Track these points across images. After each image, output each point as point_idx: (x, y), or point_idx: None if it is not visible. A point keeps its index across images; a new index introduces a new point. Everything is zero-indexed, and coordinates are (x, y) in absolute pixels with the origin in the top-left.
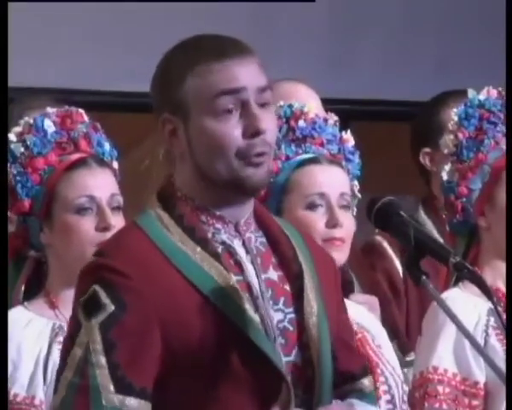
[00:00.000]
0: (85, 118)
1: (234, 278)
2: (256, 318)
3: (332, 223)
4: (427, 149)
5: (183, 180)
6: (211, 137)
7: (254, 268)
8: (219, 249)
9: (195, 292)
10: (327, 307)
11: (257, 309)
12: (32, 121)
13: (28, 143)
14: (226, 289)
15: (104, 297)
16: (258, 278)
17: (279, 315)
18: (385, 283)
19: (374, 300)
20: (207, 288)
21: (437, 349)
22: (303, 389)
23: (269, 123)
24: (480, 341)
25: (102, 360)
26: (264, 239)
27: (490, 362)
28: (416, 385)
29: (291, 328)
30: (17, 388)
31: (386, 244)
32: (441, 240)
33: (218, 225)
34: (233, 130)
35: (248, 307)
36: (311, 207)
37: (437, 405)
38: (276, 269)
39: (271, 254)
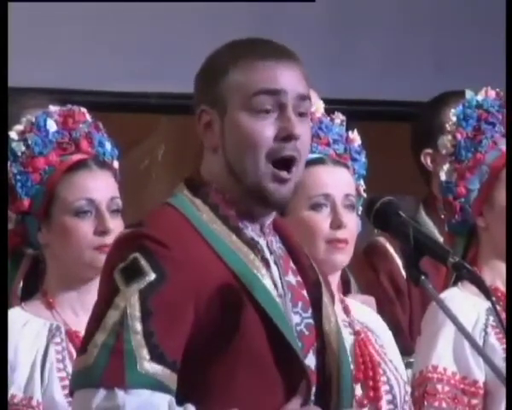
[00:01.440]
0: (87, 117)
1: (267, 272)
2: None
3: (336, 224)
4: (429, 150)
5: (214, 174)
6: (243, 134)
7: (278, 269)
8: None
9: (229, 274)
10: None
11: None
12: (33, 120)
13: (29, 142)
14: (258, 277)
15: (145, 265)
16: (280, 278)
17: (297, 318)
18: (388, 284)
19: (371, 300)
20: (241, 272)
21: (436, 348)
22: (314, 393)
23: (303, 131)
24: (479, 340)
25: (139, 326)
26: (281, 245)
27: (489, 362)
28: (416, 384)
29: (307, 332)
30: (14, 389)
31: (389, 245)
32: (442, 240)
33: (246, 223)
34: (266, 130)
35: (277, 298)
36: (316, 207)
37: (436, 403)
38: (294, 274)
39: (289, 260)
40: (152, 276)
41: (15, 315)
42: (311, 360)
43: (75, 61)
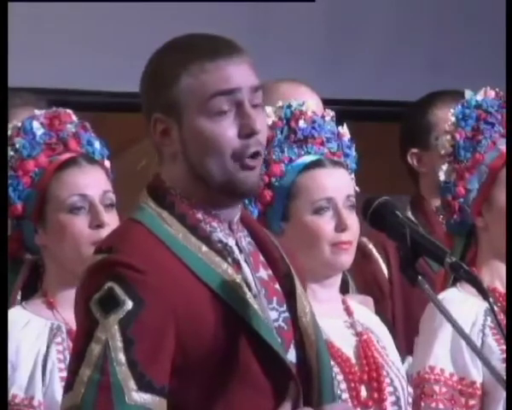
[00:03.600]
0: (74, 118)
1: (239, 276)
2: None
3: (341, 227)
4: (415, 150)
5: (176, 180)
6: (205, 138)
7: (249, 267)
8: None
9: (205, 288)
10: None
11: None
12: (20, 124)
13: (17, 146)
14: (234, 286)
15: (121, 294)
16: (253, 276)
17: (274, 314)
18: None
19: (368, 300)
20: (216, 285)
21: (433, 349)
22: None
23: (261, 124)
24: (477, 341)
25: (122, 357)
26: (250, 239)
27: (487, 364)
28: (413, 385)
29: (286, 327)
30: (16, 389)
31: (371, 246)
32: None
33: (214, 224)
34: (228, 130)
35: (255, 304)
36: (319, 211)
37: (433, 404)
38: (265, 268)
39: (259, 254)
40: (129, 304)
41: (16, 314)
42: (292, 355)
43: (73, 61)
